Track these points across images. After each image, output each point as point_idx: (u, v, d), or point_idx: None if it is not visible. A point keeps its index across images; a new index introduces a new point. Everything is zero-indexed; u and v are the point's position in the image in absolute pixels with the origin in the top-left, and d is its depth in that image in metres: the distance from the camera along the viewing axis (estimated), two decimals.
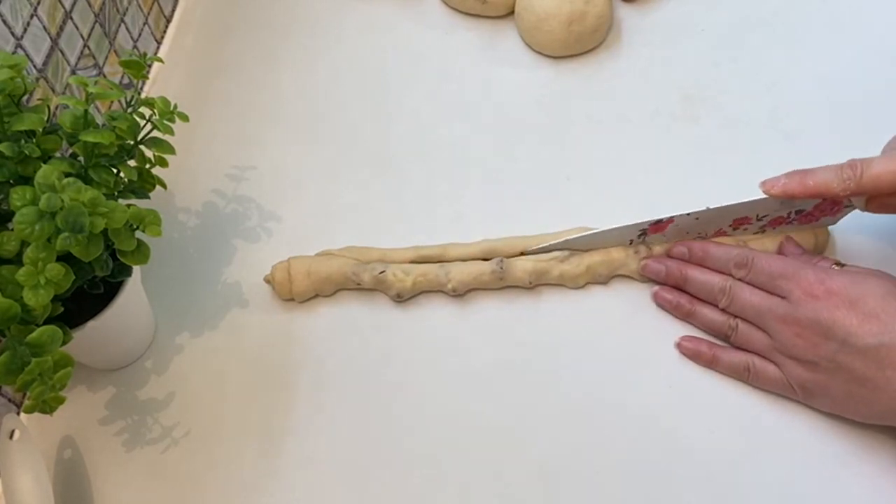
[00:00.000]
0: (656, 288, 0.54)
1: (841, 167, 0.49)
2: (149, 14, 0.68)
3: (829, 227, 0.56)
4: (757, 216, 0.53)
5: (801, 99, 0.65)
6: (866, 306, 0.45)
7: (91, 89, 0.45)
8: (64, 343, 0.41)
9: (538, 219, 0.57)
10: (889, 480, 0.47)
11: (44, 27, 0.53)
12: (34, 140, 0.44)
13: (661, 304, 0.54)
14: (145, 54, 0.49)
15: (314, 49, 0.71)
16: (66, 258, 0.41)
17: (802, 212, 0.53)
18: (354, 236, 0.58)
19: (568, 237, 0.54)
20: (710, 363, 0.51)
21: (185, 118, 0.49)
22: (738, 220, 0.54)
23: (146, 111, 0.48)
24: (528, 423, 0.51)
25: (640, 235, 0.54)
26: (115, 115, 0.46)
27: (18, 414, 0.50)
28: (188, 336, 0.55)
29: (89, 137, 0.43)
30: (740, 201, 0.52)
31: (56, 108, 0.53)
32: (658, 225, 0.53)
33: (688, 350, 0.52)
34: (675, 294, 0.54)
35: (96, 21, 0.60)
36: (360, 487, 0.49)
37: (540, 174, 0.62)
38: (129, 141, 0.47)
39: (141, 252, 0.45)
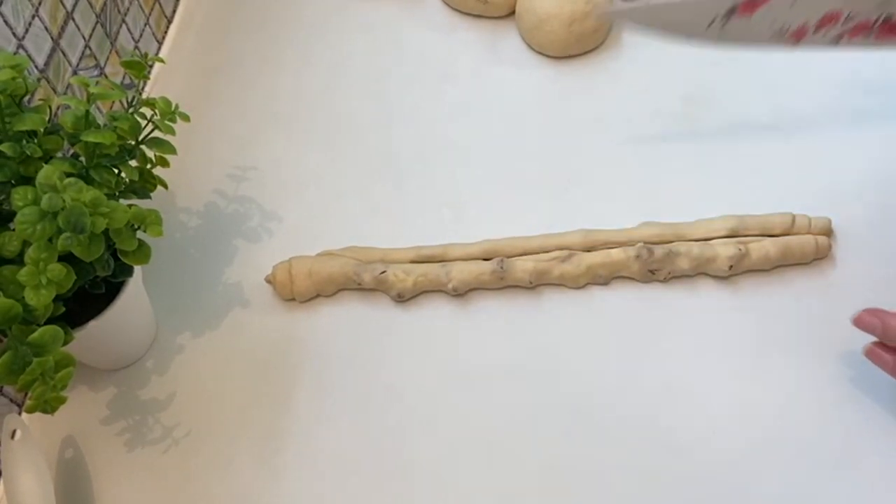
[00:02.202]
0: (870, 344, 0.48)
1: None
2: (150, 14, 0.69)
3: (828, 236, 0.56)
4: (848, 15, 0.50)
5: (801, 99, 0.65)
6: None
7: (92, 89, 0.45)
8: (65, 343, 0.41)
9: (538, 219, 0.58)
10: (888, 479, 0.48)
11: (45, 27, 0.53)
12: (36, 140, 0.44)
13: (876, 363, 0.48)
14: (147, 54, 0.49)
15: (316, 49, 0.71)
16: (67, 258, 0.41)
17: (889, 21, 0.50)
18: (355, 236, 0.58)
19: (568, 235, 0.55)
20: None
21: (186, 118, 0.49)
22: (828, 15, 0.50)
23: (147, 111, 0.48)
24: (528, 422, 0.51)
25: (726, 14, 0.49)
26: (117, 116, 0.46)
27: (20, 414, 0.50)
28: (189, 336, 0.55)
29: (91, 137, 0.44)
30: None
31: (58, 108, 0.53)
32: (750, 4, 0.49)
33: (883, 361, 0.48)
34: (893, 354, 0.47)
35: (98, 21, 0.60)
36: (360, 487, 0.49)
37: (540, 174, 0.62)
38: (130, 141, 0.47)
39: (142, 252, 0.45)
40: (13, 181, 0.43)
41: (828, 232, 0.56)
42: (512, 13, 0.71)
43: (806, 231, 0.56)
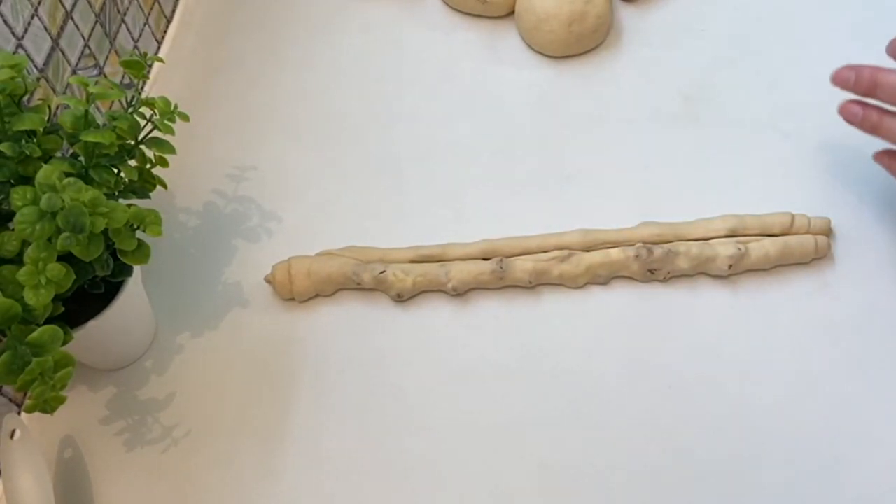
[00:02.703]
0: (844, 101, 0.50)
1: None
2: (149, 14, 0.69)
3: (828, 236, 0.56)
4: None
5: (801, 99, 0.65)
6: None
7: (92, 89, 0.45)
8: (65, 343, 0.41)
9: (538, 219, 0.58)
10: (890, 480, 0.48)
11: (45, 27, 0.53)
12: (35, 140, 0.44)
13: (847, 118, 0.51)
14: (146, 54, 0.49)
15: (315, 49, 0.71)
16: (66, 258, 0.41)
17: None
18: (355, 236, 0.58)
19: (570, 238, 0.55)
20: (874, 129, 0.49)
21: (185, 118, 0.49)
22: None
23: (147, 111, 0.48)
24: (527, 422, 0.51)
25: None
26: (116, 115, 0.46)
27: (19, 413, 0.50)
28: (189, 336, 0.55)
29: (90, 137, 0.43)
30: None
31: (57, 107, 0.53)
32: None
33: (852, 114, 0.49)
34: (863, 106, 0.50)
35: (97, 21, 0.60)
36: (359, 487, 0.49)
37: (540, 174, 0.62)
38: (129, 141, 0.47)
39: (141, 252, 0.45)
40: (12, 181, 0.43)
41: (827, 232, 0.56)
42: (511, 13, 0.71)
43: (805, 231, 0.56)
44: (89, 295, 0.47)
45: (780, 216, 0.56)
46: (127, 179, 0.47)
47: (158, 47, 0.71)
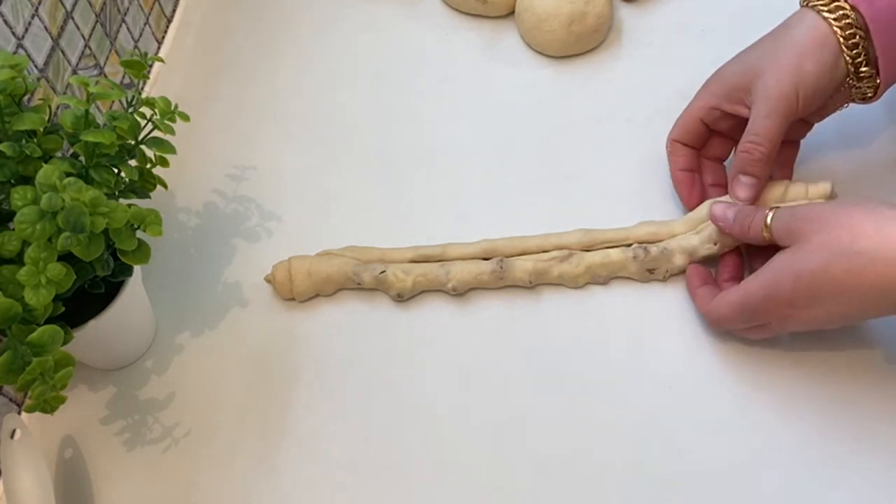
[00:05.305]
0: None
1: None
2: (150, 14, 0.69)
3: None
4: None
5: None
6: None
7: (92, 89, 0.45)
8: (65, 343, 0.41)
9: (538, 219, 0.57)
10: (890, 481, 0.48)
11: (45, 27, 0.53)
12: (35, 140, 0.44)
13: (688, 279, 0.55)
14: (146, 54, 0.49)
15: (315, 49, 0.71)
16: (66, 258, 0.41)
17: None
18: (355, 236, 0.58)
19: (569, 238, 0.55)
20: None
21: (185, 118, 0.49)
22: None
23: (147, 111, 0.48)
24: (527, 422, 0.51)
25: None
26: (116, 115, 0.46)
27: (19, 413, 0.50)
28: (189, 336, 0.55)
29: (90, 137, 0.44)
30: None
31: (57, 107, 0.53)
32: None
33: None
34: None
35: (97, 21, 0.60)
36: (359, 487, 0.49)
37: (540, 174, 0.62)
38: (129, 141, 0.47)
39: (142, 252, 0.45)
40: (12, 181, 0.43)
41: (827, 197, 0.53)
42: (511, 13, 0.71)
43: (804, 198, 0.53)
44: (89, 295, 0.47)
45: (773, 184, 0.53)
46: (127, 179, 0.47)
47: (158, 47, 0.71)
